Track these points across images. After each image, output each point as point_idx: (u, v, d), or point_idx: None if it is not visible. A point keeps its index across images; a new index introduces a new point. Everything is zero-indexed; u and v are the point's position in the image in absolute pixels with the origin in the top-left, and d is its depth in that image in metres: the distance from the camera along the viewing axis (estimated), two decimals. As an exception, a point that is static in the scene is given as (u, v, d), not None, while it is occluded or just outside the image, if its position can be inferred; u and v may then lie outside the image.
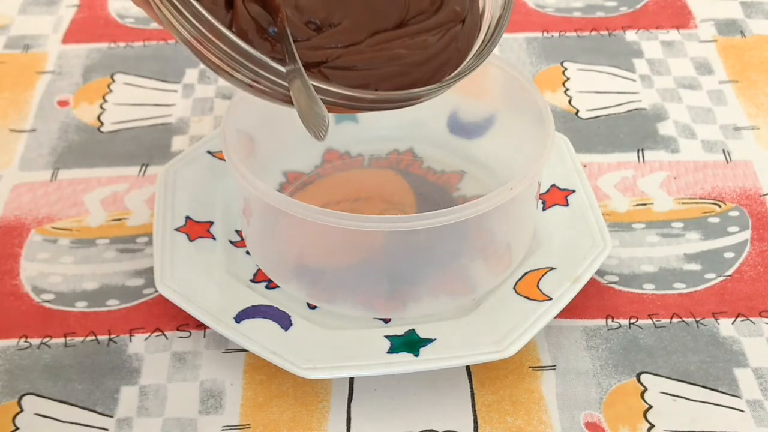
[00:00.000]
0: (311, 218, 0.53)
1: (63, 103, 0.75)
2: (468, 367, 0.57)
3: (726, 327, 0.59)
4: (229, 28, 0.47)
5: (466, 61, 0.51)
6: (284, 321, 0.56)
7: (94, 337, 0.59)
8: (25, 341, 0.59)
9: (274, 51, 0.48)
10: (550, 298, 0.57)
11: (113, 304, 0.61)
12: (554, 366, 0.57)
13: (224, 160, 0.63)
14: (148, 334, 0.59)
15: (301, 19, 0.50)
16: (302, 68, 0.46)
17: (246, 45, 0.44)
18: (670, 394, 0.55)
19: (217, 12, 0.49)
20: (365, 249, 0.56)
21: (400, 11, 0.52)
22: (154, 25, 0.83)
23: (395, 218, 0.53)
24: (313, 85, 0.45)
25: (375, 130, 0.68)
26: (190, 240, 0.61)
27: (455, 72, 0.50)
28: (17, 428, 0.54)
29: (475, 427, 0.54)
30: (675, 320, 0.59)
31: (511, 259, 0.59)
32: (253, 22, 0.49)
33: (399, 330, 0.56)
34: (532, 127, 0.59)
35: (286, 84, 0.45)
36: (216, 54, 0.45)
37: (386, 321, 0.58)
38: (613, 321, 0.59)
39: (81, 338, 0.59)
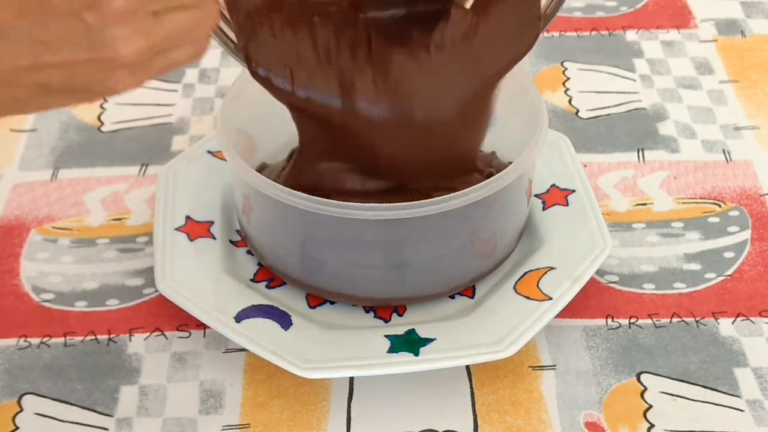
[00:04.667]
0: (309, 208, 0.53)
1: (63, 103, 0.75)
2: (468, 367, 0.57)
3: (726, 327, 0.59)
4: None
5: None
6: (284, 321, 0.56)
7: (93, 337, 0.59)
8: (25, 341, 0.59)
9: None
10: (550, 298, 0.57)
11: (113, 303, 0.61)
12: (554, 366, 0.57)
13: (224, 159, 0.63)
14: (148, 333, 0.59)
15: None
16: None
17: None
18: (670, 394, 0.55)
19: None
20: (362, 234, 0.56)
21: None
22: (154, 25, 0.82)
23: (387, 206, 0.54)
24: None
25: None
26: (190, 240, 0.61)
27: None
28: (17, 428, 0.54)
29: (475, 427, 0.54)
30: (675, 320, 0.59)
31: (496, 245, 0.59)
32: None
33: (399, 330, 0.56)
34: (531, 126, 0.59)
35: None
36: None
37: (386, 320, 0.58)
38: (613, 321, 0.59)
39: (81, 338, 0.59)
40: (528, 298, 0.57)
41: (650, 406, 0.55)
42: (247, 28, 0.53)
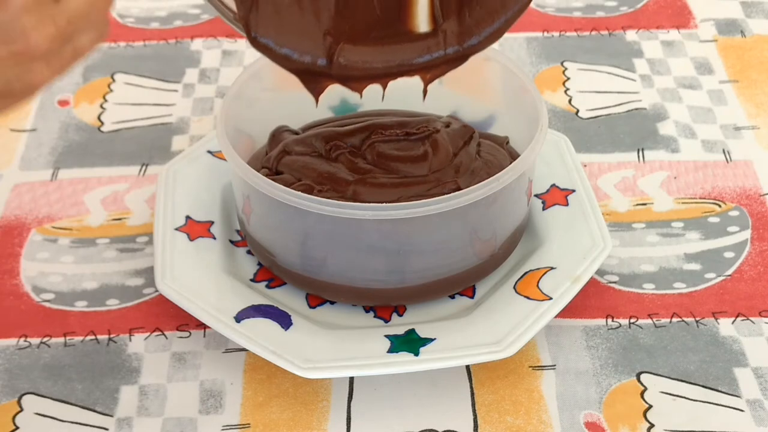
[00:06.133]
0: (310, 208, 0.53)
1: (63, 103, 0.75)
2: (468, 367, 0.57)
3: (726, 327, 0.59)
4: None
5: None
6: (284, 321, 0.56)
7: (93, 337, 0.59)
8: (25, 341, 0.59)
9: None
10: (550, 298, 0.57)
11: (113, 303, 0.61)
12: (554, 366, 0.57)
13: (224, 159, 0.63)
14: (148, 333, 0.59)
15: None
16: None
17: None
18: (670, 394, 0.55)
19: None
20: (362, 234, 0.56)
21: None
22: (155, 25, 0.83)
23: (387, 206, 0.54)
24: None
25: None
26: (190, 240, 0.61)
27: None
28: (17, 428, 0.54)
29: (475, 427, 0.54)
30: (675, 320, 0.59)
31: (496, 245, 0.59)
32: None
33: (399, 329, 0.56)
34: (531, 126, 0.59)
35: None
36: None
37: (386, 320, 0.58)
38: (613, 321, 0.59)
39: (81, 338, 0.59)
40: (528, 298, 0.57)
41: (650, 406, 0.55)
42: (248, 1, 0.53)
